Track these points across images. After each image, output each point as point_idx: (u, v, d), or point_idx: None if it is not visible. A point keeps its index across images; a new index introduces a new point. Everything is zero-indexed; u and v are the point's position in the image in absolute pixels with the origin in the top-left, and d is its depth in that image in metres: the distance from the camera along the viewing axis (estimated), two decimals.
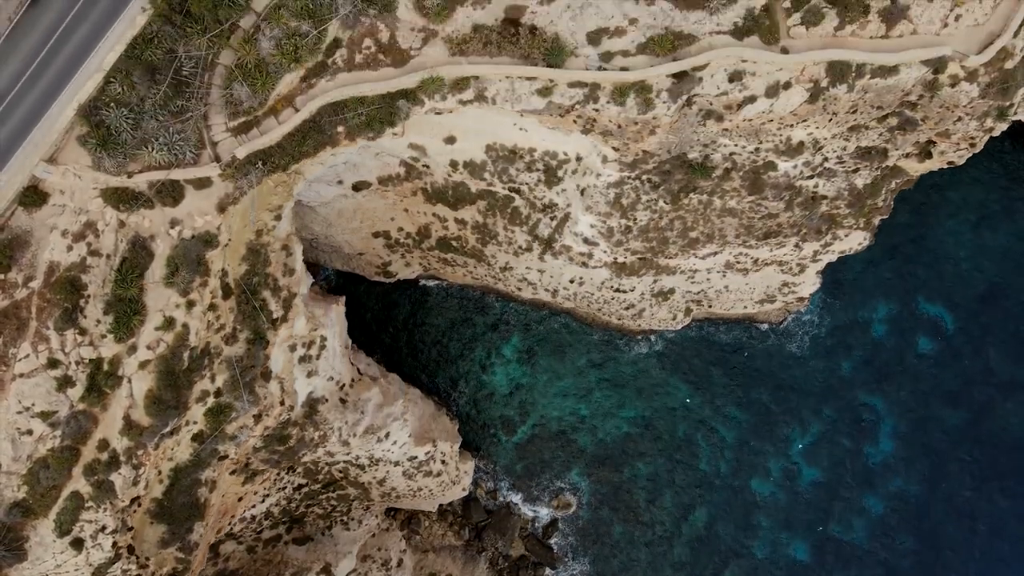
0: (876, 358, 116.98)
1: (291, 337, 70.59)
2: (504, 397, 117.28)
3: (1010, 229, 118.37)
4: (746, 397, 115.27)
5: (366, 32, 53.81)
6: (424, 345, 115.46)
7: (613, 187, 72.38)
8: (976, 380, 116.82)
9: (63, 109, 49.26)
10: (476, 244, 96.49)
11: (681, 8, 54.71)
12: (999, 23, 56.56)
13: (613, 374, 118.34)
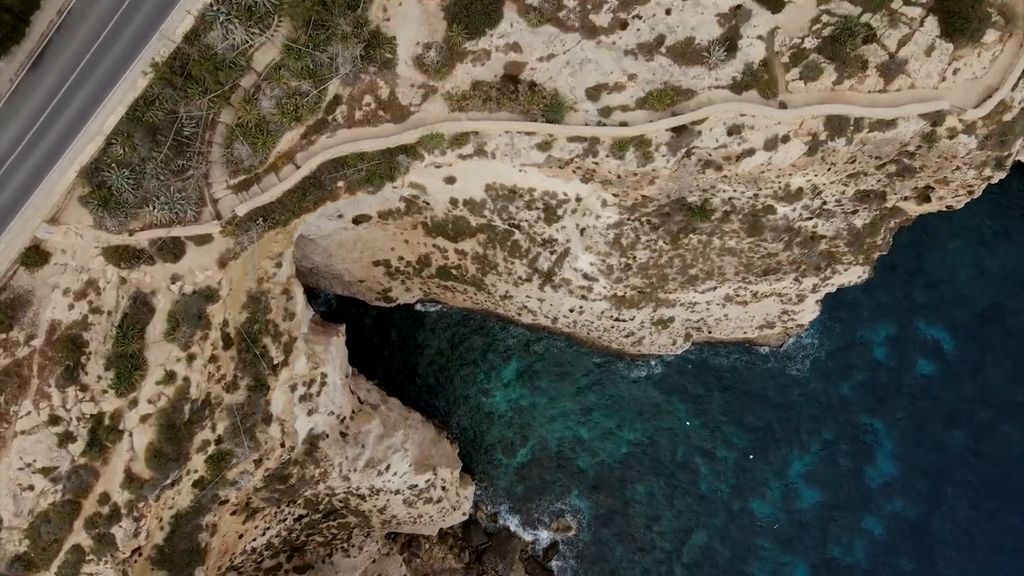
0: (876, 380, 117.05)
1: (292, 378, 70.83)
2: (504, 419, 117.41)
3: (1009, 251, 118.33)
4: (746, 419, 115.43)
5: (366, 89, 54.00)
6: (424, 368, 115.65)
7: (612, 228, 72.56)
8: (975, 401, 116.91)
9: (64, 172, 49.46)
10: (476, 273, 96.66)
11: (680, 63, 54.89)
12: (997, 77, 56.70)
13: (613, 396, 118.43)
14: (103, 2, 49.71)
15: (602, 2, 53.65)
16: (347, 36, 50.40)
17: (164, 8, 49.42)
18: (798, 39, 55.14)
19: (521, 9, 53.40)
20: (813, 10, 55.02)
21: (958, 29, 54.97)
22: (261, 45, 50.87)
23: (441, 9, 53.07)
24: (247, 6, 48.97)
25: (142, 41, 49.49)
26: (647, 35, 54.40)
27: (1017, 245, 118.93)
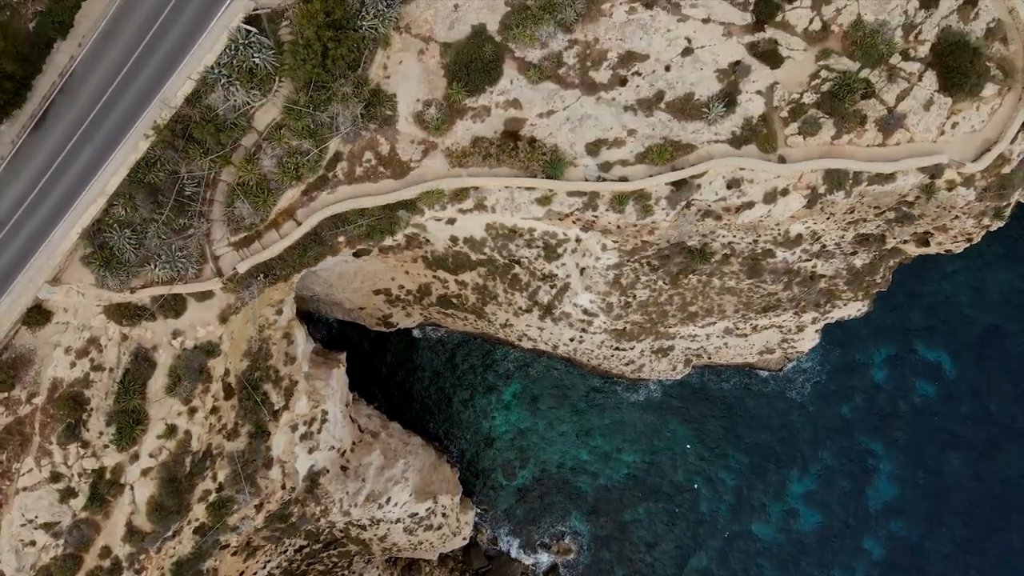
0: (876, 402, 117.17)
1: (292, 419, 71.05)
2: (504, 442, 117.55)
3: (1008, 273, 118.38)
4: (746, 441, 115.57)
5: (366, 145, 54.20)
6: (424, 390, 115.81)
7: (612, 268, 72.74)
8: (975, 423, 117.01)
9: (67, 233, 49.69)
10: (476, 303, 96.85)
11: (679, 118, 55.06)
12: (995, 130, 56.84)
13: (613, 419, 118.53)
14: (105, 64, 49.83)
15: (602, 59, 53.77)
16: (347, 96, 50.55)
17: (166, 71, 49.59)
18: (797, 94, 55.29)
19: (521, 66, 53.56)
20: (812, 66, 55.14)
21: (957, 84, 55.10)
22: (262, 105, 51.02)
23: (441, 67, 53.24)
24: (248, 69, 49.15)
25: (144, 103, 49.67)
26: (647, 91, 54.54)
27: (1016, 267, 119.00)
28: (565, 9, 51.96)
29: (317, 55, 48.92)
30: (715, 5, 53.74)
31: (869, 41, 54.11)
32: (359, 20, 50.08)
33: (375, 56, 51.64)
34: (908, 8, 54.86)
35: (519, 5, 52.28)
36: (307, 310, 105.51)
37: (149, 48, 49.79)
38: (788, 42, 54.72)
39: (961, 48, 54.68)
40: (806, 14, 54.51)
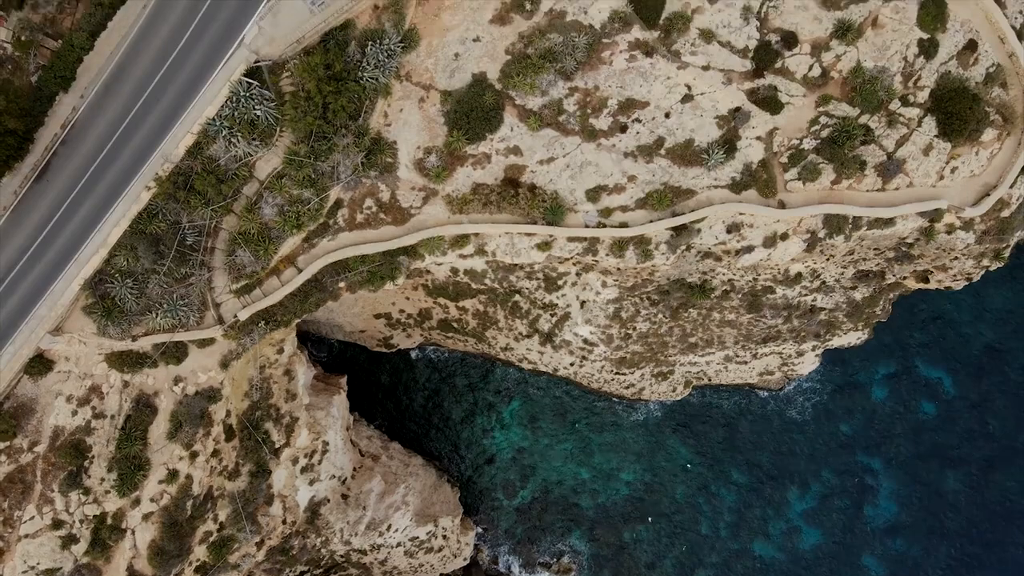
0: (876, 420, 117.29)
1: (294, 454, 71.23)
2: (505, 461, 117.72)
3: (1010, 293, 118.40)
4: (746, 460, 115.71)
5: (367, 192, 54.37)
6: (424, 409, 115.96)
7: (612, 302, 72.93)
8: (975, 441, 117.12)
9: (69, 284, 49.86)
10: (477, 327, 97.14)
11: (679, 165, 55.19)
12: (995, 175, 56.95)
13: (613, 438, 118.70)
14: (107, 116, 49.96)
15: (602, 106, 53.90)
16: (348, 146, 50.70)
17: (167, 122, 49.72)
18: (796, 140, 55.41)
19: (521, 114, 53.69)
20: (811, 111, 55.25)
21: (956, 130, 55.20)
22: (263, 155, 51.17)
23: (441, 114, 53.38)
24: (250, 120, 49.27)
25: (145, 154, 49.82)
26: (647, 138, 54.67)
27: (1016, 286, 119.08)
28: (565, 58, 52.06)
29: (318, 107, 49.07)
30: (715, 52, 53.81)
31: (868, 88, 54.20)
32: (360, 71, 50.20)
33: (376, 105, 51.77)
34: (907, 54, 54.94)
35: (519, 54, 52.41)
36: (308, 330, 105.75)
37: (151, 100, 49.91)
38: (788, 88, 54.81)
39: (960, 94, 54.77)
40: (806, 60, 54.60)
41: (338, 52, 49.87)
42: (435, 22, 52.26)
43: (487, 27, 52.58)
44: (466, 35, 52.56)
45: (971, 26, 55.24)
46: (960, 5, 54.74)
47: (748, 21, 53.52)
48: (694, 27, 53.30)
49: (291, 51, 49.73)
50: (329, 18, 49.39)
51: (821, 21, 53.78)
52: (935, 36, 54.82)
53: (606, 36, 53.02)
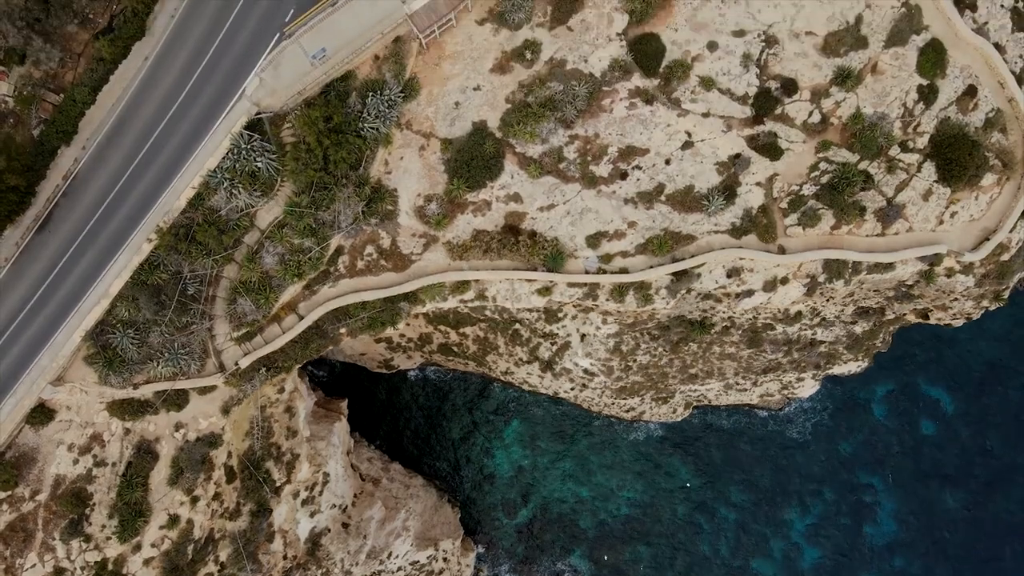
0: (877, 439, 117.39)
1: (295, 488, 71.36)
2: (506, 479, 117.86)
3: (1010, 312, 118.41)
4: (746, 479, 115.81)
5: (368, 239, 54.49)
6: (425, 428, 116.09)
7: (613, 336, 73.05)
8: (975, 461, 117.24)
9: (70, 335, 49.98)
10: (477, 352, 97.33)
11: (679, 211, 55.30)
12: (994, 219, 57.04)
13: (613, 457, 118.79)
14: (108, 167, 50.10)
15: (602, 153, 54.01)
16: (349, 195, 50.80)
17: (168, 174, 49.84)
18: (796, 186, 55.51)
19: (521, 161, 53.80)
20: (811, 157, 55.35)
21: (956, 175, 55.29)
22: (264, 204, 51.30)
23: (442, 162, 53.50)
24: (251, 172, 49.38)
25: (147, 205, 49.93)
26: (647, 184, 54.78)
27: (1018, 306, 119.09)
28: (565, 106, 52.18)
29: (319, 160, 49.19)
30: (715, 99, 53.93)
31: (868, 134, 54.32)
32: (360, 122, 50.31)
33: (376, 154, 51.90)
34: (907, 100, 55.06)
35: (519, 102, 52.52)
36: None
37: (152, 151, 50.04)
38: (788, 134, 54.91)
39: (960, 141, 54.86)
40: (805, 107, 54.71)
41: (339, 104, 49.98)
42: (435, 71, 52.37)
43: (487, 76, 52.69)
44: (466, 84, 52.66)
45: (971, 71, 55.32)
46: (960, 51, 54.84)
47: (748, 68, 53.62)
48: (694, 75, 53.40)
49: (292, 102, 49.85)
50: (330, 70, 49.52)
51: (821, 68, 53.87)
52: (935, 82, 54.92)
53: (606, 84, 53.12)
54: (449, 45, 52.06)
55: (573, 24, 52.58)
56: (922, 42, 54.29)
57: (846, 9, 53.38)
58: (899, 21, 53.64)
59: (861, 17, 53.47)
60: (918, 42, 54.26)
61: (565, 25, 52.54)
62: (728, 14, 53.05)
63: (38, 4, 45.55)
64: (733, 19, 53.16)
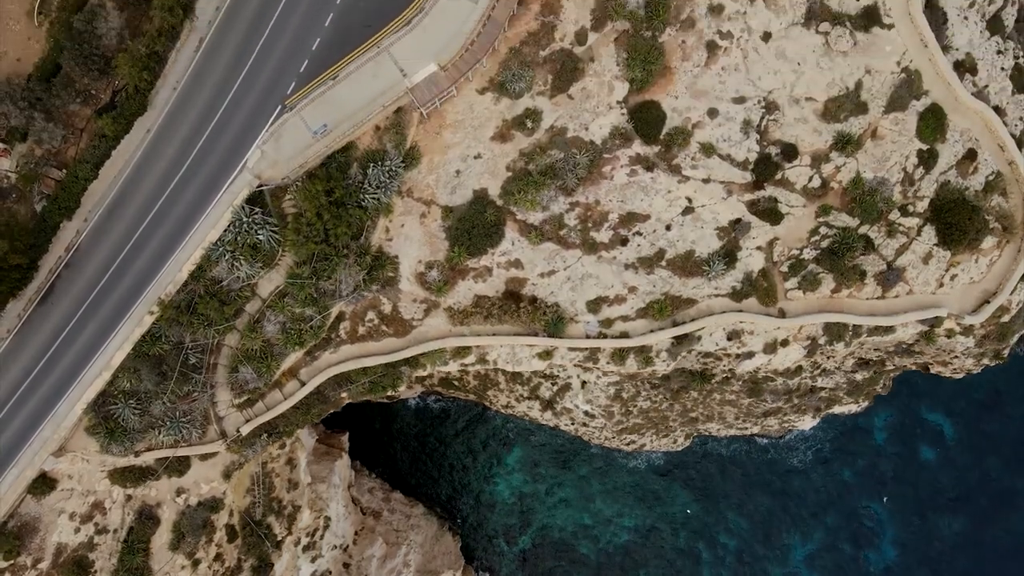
0: (877, 466, 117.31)
1: (296, 537, 71.51)
2: (506, 506, 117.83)
3: None
4: (747, 505, 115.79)
5: (369, 305, 54.65)
6: (426, 456, 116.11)
7: (613, 385, 73.20)
8: (976, 488, 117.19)
9: (72, 406, 50.20)
10: (477, 387, 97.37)
11: (680, 275, 55.44)
12: (994, 282, 57.15)
13: (614, 483, 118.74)
14: (110, 240, 50.30)
15: (603, 220, 54.15)
16: (350, 265, 50.95)
17: (170, 246, 50.04)
18: (797, 250, 55.64)
19: (522, 228, 53.95)
20: (811, 222, 55.48)
21: (955, 239, 55.39)
22: (266, 274, 51.46)
23: (443, 229, 53.66)
24: (252, 244, 49.52)
25: (148, 277, 50.12)
26: (647, 250, 54.92)
27: None
28: (566, 174, 52.32)
29: (320, 232, 49.36)
30: (715, 165, 54.05)
31: (868, 200, 54.47)
32: (362, 193, 50.45)
33: (377, 223, 52.08)
34: (907, 165, 55.20)
35: (520, 171, 52.66)
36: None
37: (154, 223, 50.22)
38: (788, 199, 55.04)
39: (960, 206, 55.00)
40: (805, 172, 54.83)
41: (339, 175, 50.15)
42: (436, 140, 52.51)
43: (488, 144, 52.83)
44: (467, 152, 52.81)
45: (971, 134, 55.48)
46: (959, 115, 55.00)
47: (748, 135, 53.76)
48: (695, 141, 53.55)
49: (293, 174, 50.00)
50: (331, 143, 49.70)
51: (821, 133, 54.02)
52: (934, 146, 55.10)
53: (607, 151, 53.28)
54: (450, 114, 52.18)
55: (574, 92, 52.72)
56: (922, 107, 54.39)
57: (846, 75, 53.48)
58: (899, 87, 53.76)
59: (861, 83, 53.56)
60: (918, 107, 54.36)
61: (566, 93, 52.67)
62: (728, 81, 53.15)
63: (40, 84, 45.69)
64: (733, 86, 53.26)
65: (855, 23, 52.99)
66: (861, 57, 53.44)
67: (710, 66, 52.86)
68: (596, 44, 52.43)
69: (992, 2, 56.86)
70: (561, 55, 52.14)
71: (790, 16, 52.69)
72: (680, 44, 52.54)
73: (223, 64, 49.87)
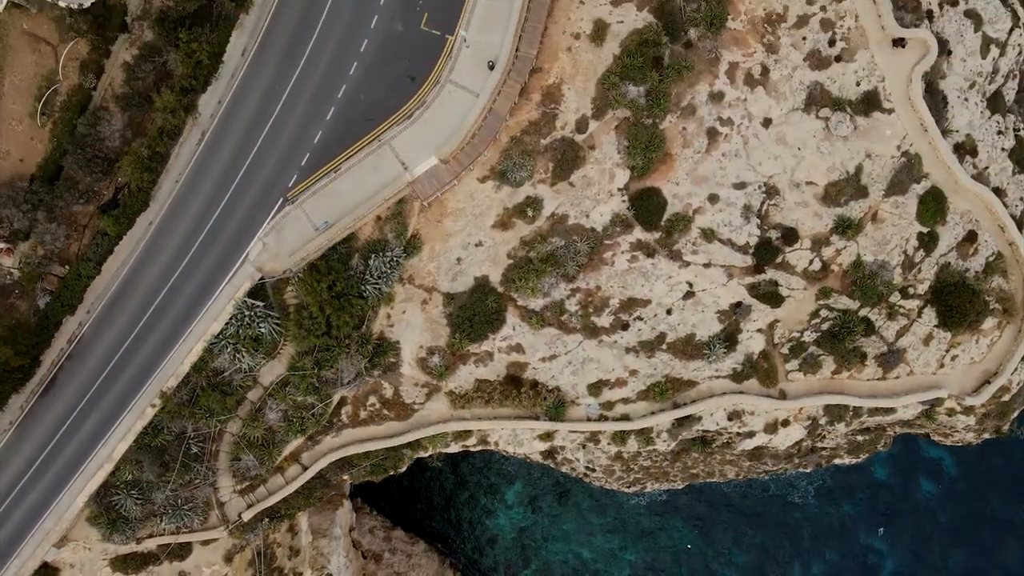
0: (878, 500, 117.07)
1: None
2: (507, 541, 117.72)
3: None
4: (748, 540, 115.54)
5: (370, 389, 54.87)
6: (427, 490, 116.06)
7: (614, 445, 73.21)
8: (977, 520, 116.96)
9: (74, 498, 50.39)
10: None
11: (681, 358, 55.61)
12: (995, 362, 57.26)
13: (615, 518, 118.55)
14: (112, 332, 50.55)
15: (603, 305, 54.31)
16: (352, 354, 51.11)
17: (172, 338, 50.24)
18: (797, 332, 55.79)
19: (523, 314, 54.10)
20: (812, 304, 55.60)
21: (956, 321, 55.50)
22: (268, 363, 51.64)
23: (444, 316, 53.81)
24: (254, 337, 49.68)
25: (150, 369, 50.35)
26: (648, 334, 55.07)
27: None
28: (567, 262, 52.45)
29: (322, 325, 49.51)
30: (716, 250, 54.17)
31: (868, 283, 54.53)
32: (363, 284, 50.60)
33: (379, 311, 52.19)
34: (907, 248, 55.32)
35: (521, 258, 52.79)
36: None
37: (155, 315, 50.42)
38: (788, 282, 55.16)
39: (960, 289, 55.13)
40: (806, 255, 54.96)
41: (341, 267, 50.35)
42: (437, 228, 52.68)
43: (489, 232, 52.99)
44: (468, 240, 52.96)
45: (971, 216, 55.59)
46: (960, 197, 55.11)
47: (749, 219, 53.89)
48: (695, 227, 53.69)
49: (295, 266, 50.16)
50: (333, 236, 49.93)
51: (821, 217, 54.15)
52: (935, 229, 55.22)
53: (608, 238, 53.42)
54: (451, 203, 52.34)
55: (575, 180, 52.86)
56: (922, 190, 54.51)
57: (846, 159, 53.61)
58: (899, 171, 53.91)
59: (861, 167, 53.70)
60: (918, 190, 54.48)
61: (567, 181, 52.81)
62: (729, 167, 53.29)
63: (43, 186, 45.90)
64: (734, 172, 53.40)
65: (855, 108, 53.09)
66: (861, 141, 53.56)
67: (711, 152, 52.96)
68: (597, 132, 52.55)
69: (992, 80, 56.96)
70: (562, 143, 52.28)
71: (790, 102, 52.76)
72: (681, 131, 52.64)
73: (225, 157, 50.07)
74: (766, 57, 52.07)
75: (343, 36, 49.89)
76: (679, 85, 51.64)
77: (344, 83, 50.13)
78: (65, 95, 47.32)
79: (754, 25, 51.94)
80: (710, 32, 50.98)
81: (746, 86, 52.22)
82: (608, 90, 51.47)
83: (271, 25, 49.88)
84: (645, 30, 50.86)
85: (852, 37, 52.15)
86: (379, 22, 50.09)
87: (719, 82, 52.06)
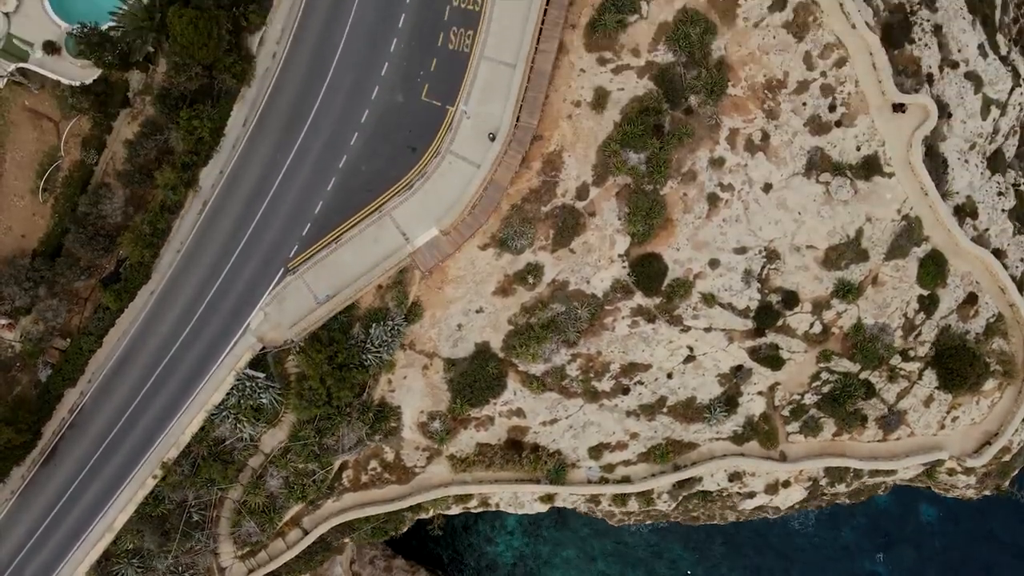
0: (879, 526, 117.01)
1: None
2: (507, 567, 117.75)
3: None
4: (748, 566, 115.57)
5: (371, 454, 54.99)
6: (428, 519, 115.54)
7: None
8: (979, 545, 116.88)
9: (75, 568, 50.49)
10: None
11: (681, 421, 55.76)
12: (996, 423, 57.38)
13: (616, 545, 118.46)
14: (113, 401, 50.69)
15: (604, 370, 54.40)
16: (353, 421, 51.22)
17: (173, 408, 50.36)
18: (798, 395, 55.92)
19: (524, 380, 54.20)
20: (813, 367, 55.70)
21: (956, 384, 55.56)
22: (269, 431, 51.75)
23: (444, 382, 53.90)
24: (255, 407, 49.78)
25: (152, 439, 50.47)
26: (649, 397, 55.19)
27: None
28: (568, 328, 52.52)
29: (323, 396, 49.59)
30: (716, 315, 54.24)
31: (869, 346, 54.63)
32: (364, 352, 50.66)
33: (380, 379, 52.27)
34: (907, 311, 55.41)
35: (522, 324, 52.85)
36: None
37: (156, 386, 50.50)
38: (789, 345, 55.24)
39: (961, 352, 55.19)
40: (807, 319, 55.04)
41: (342, 337, 50.44)
42: (438, 295, 52.74)
43: (490, 298, 53.04)
44: (469, 306, 53.02)
45: (971, 278, 55.70)
46: (960, 259, 55.19)
47: (749, 284, 53.96)
48: (696, 292, 53.75)
49: (296, 336, 50.24)
50: (334, 307, 49.94)
51: (822, 281, 54.21)
52: (935, 292, 55.31)
53: (608, 303, 53.49)
54: (452, 270, 52.39)
55: (575, 246, 52.89)
56: (922, 253, 54.61)
57: (847, 223, 53.68)
58: (899, 234, 53.99)
59: (862, 231, 53.77)
60: (918, 253, 54.58)
61: (567, 247, 52.85)
62: (729, 232, 53.33)
63: (45, 263, 45.98)
64: (734, 237, 53.44)
65: (856, 172, 53.16)
66: (862, 205, 53.62)
67: (712, 217, 53.02)
68: (598, 198, 52.59)
69: (993, 140, 57.01)
70: (563, 210, 52.31)
71: (791, 167, 52.80)
72: (682, 197, 52.69)
73: (226, 227, 50.17)
74: (766, 123, 52.05)
75: (344, 107, 49.92)
76: (680, 151, 51.64)
77: (345, 153, 50.16)
78: (67, 171, 47.42)
79: (754, 91, 51.92)
80: (711, 99, 50.94)
81: (747, 151, 52.20)
82: (609, 157, 51.51)
83: (273, 95, 49.96)
84: (646, 97, 50.83)
85: (852, 102, 52.12)
86: (380, 93, 50.10)
87: (720, 148, 52.04)
